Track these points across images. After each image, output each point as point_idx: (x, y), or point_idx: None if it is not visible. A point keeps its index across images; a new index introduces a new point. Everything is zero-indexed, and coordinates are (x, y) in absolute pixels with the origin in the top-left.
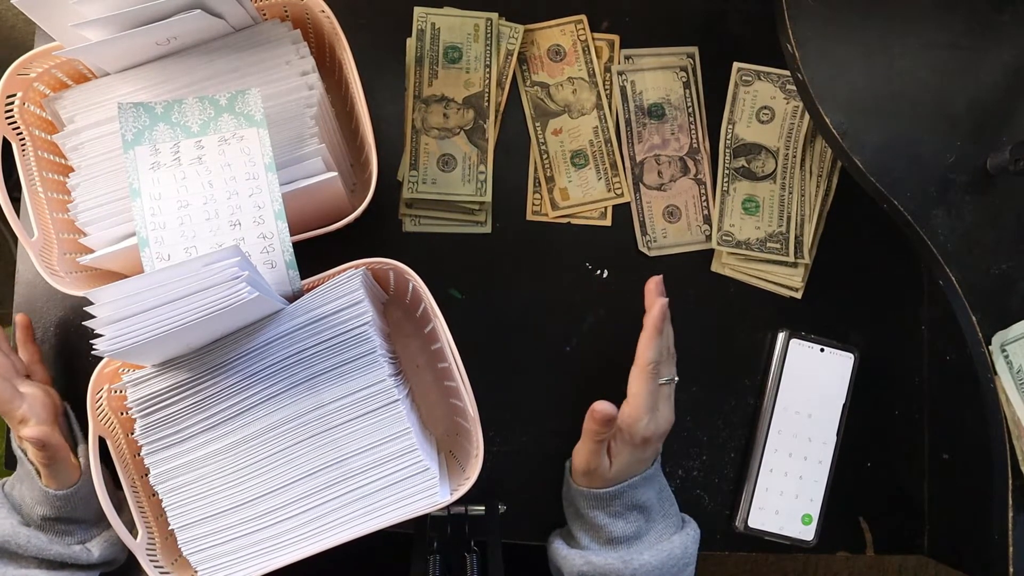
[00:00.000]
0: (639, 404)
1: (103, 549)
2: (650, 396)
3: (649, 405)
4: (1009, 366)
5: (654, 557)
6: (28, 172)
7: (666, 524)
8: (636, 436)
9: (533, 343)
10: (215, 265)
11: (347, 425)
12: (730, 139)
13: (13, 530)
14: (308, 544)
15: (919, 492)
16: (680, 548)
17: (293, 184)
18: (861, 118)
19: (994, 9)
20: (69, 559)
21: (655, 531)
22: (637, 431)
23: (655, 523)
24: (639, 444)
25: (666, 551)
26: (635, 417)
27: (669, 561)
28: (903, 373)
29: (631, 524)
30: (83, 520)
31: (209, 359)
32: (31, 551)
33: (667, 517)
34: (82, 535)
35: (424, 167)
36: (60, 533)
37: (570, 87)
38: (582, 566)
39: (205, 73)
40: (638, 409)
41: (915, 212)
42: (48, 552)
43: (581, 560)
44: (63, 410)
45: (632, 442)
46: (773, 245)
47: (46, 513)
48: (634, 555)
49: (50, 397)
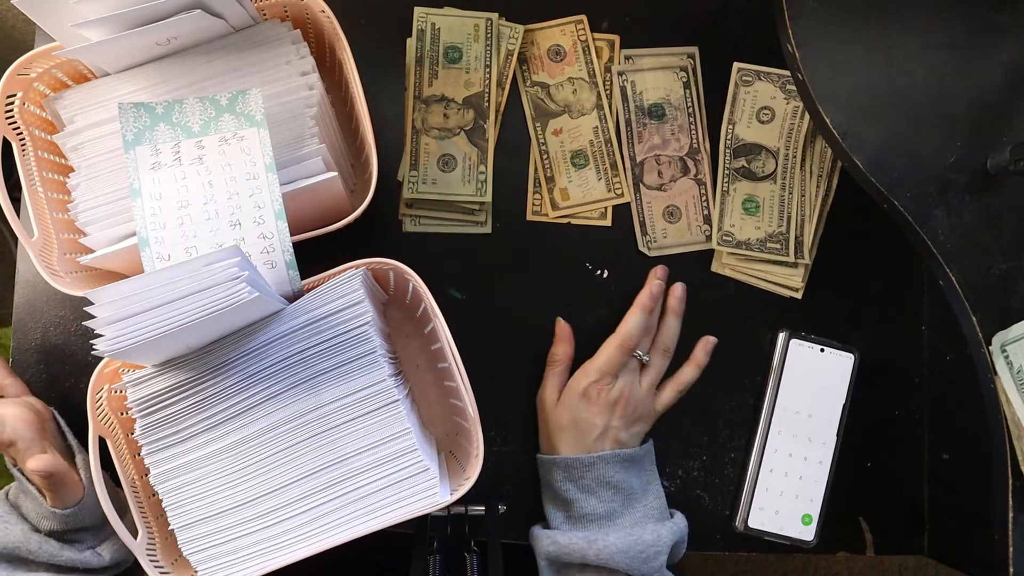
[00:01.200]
0: (595, 360)
1: (114, 552)
2: (608, 360)
3: (602, 367)
4: (1009, 366)
5: (620, 540)
6: (28, 172)
7: (646, 513)
8: (579, 385)
9: (533, 343)
10: (215, 265)
11: (347, 425)
12: (730, 139)
13: (24, 536)
14: (308, 544)
15: (919, 492)
16: (652, 536)
17: (293, 184)
18: (861, 118)
19: (994, 9)
20: (80, 564)
21: (630, 517)
22: (581, 380)
23: (633, 510)
24: (580, 395)
25: (634, 536)
26: (586, 370)
27: (636, 546)
28: (903, 373)
29: (604, 503)
30: (91, 527)
31: (209, 359)
32: (43, 557)
33: (648, 508)
34: (92, 540)
35: (424, 167)
36: (70, 541)
37: (570, 87)
38: (548, 546)
39: (205, 73)
40: (593, 363)
41: (915, 212)
42: (59, 558)
43: (548, 540)
44: (51, 416)
45: (575, 390)
46: (773, 245)
47: (54, 527)
48: (599, 536)
49: (31, 410)
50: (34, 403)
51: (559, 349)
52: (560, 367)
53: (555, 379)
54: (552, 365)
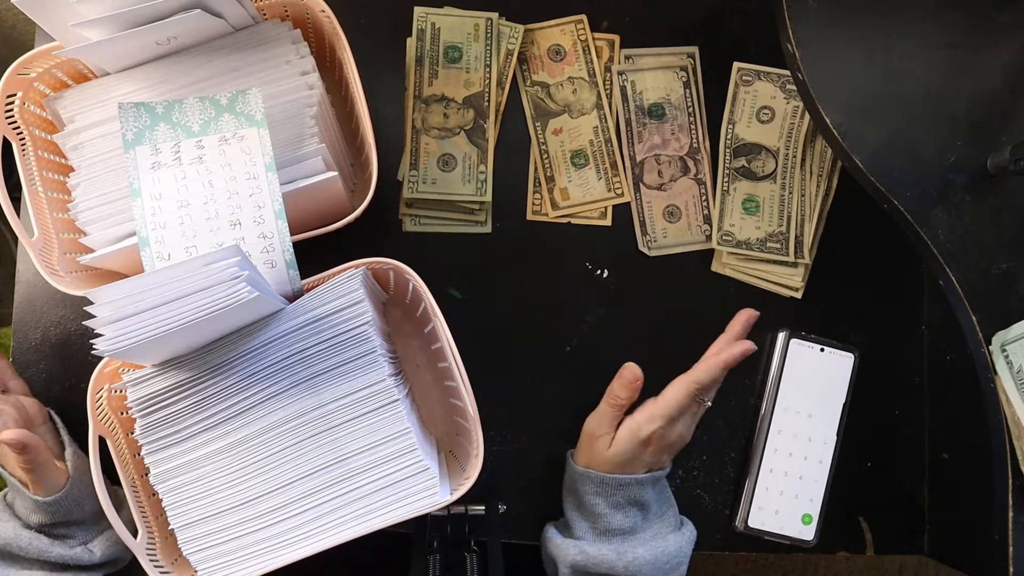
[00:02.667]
0: (663, 405)
1: (105, 549)
2: (678, 406)
3: (671, 412)
4: (1009, 366)
5: (648, 552)
6: (28, 172)
7: (662, 524)
8: (642, 431)
9: (533, 343)
10: (215, 265)
11: (347, 425)
12: (730, 139)
13: (15, 532)
14: (308, 544)
15: (919, 492)
16: (675, 547)
17: (293, 184)
18: (861, 118)
19: (994, 9)
20: (71, 560)
21: (651, 529)
22: (645, 427)
23: (651, 522)
24: (642, 440)
25: (660, 547)
26: (652, 414)
27: (662, 558)
28: (903, 373)
29: (629, 518)
30: (81, 521)
31: (209, 359)
32: (33, 553)
33: (663, 518)
34: (83, 536)
35: (424, 167)
36: (61, 537)
37: (570, 87)
38: (576, 555)
39: (205, 73)
40: (660, 408)
41: (915, 212)
42: (50, 554)
43: (575, 550)
44: (47, 417)
45: (637, 434)
46: (773, 245)
47: (42, 520)
48: (628, 548)
49: (27, 408)
50: (31, 403)
51: (624, 394)
52: (619, 411)
53: (612, 419)
54: (612, 406)
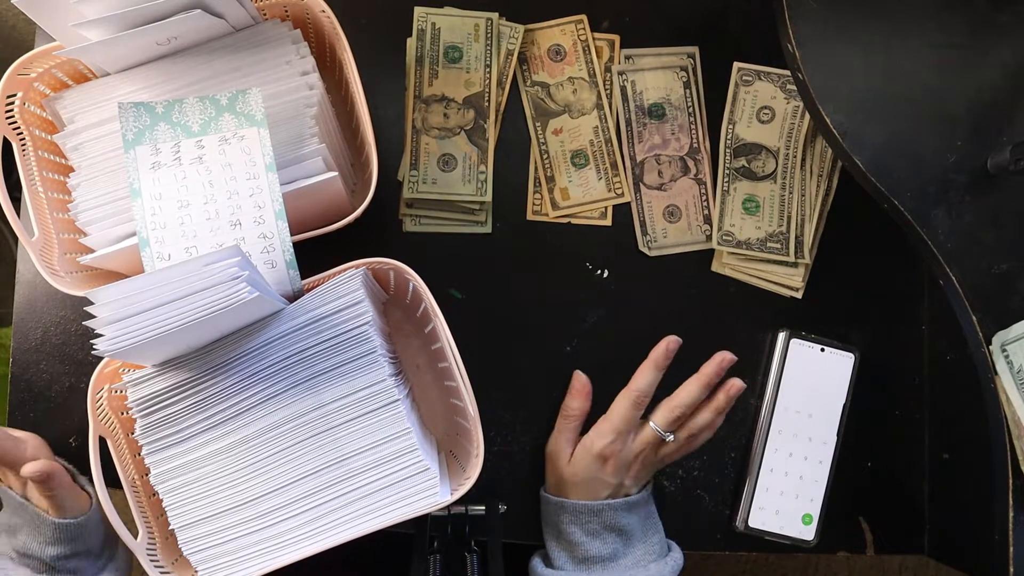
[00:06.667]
0: (610, 418)
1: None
2: (622, 418)
3: (617, 425)
4: (1009, 366)
5: None
6: (28, 172)
7: (646, 550)
8: (595, 445)
9: (533, 343)
10: (215, 265)
11: (347, 425)
12: (730, 139)
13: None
14: (308, 544)
15: (919, 492)
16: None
17: (293, 184)
18: (861, 118)
19: (994, 9)
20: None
21: (632, 556)
22: (597, 442)
23: (634, 548)
24: (596, 455)
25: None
26: (601, 429)
27: None
28: (903, 373)
29: (608, 545)
30: (89, 553)
31: (209, 359)
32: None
33: (648, 544)
34: (91, 570)
35: (424, 167)
36: (71, 571)
37: (570, 87)
38: None
39: (205, 73)
40: (608, 423)
41: (915, 212)
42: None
43: None
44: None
45: (591, 450)
46: (773, 245)
47: (59, 552)
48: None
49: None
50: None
51: (575, 404)
52: (574, 423)
53: (568, 434)
54: (566, 419)
